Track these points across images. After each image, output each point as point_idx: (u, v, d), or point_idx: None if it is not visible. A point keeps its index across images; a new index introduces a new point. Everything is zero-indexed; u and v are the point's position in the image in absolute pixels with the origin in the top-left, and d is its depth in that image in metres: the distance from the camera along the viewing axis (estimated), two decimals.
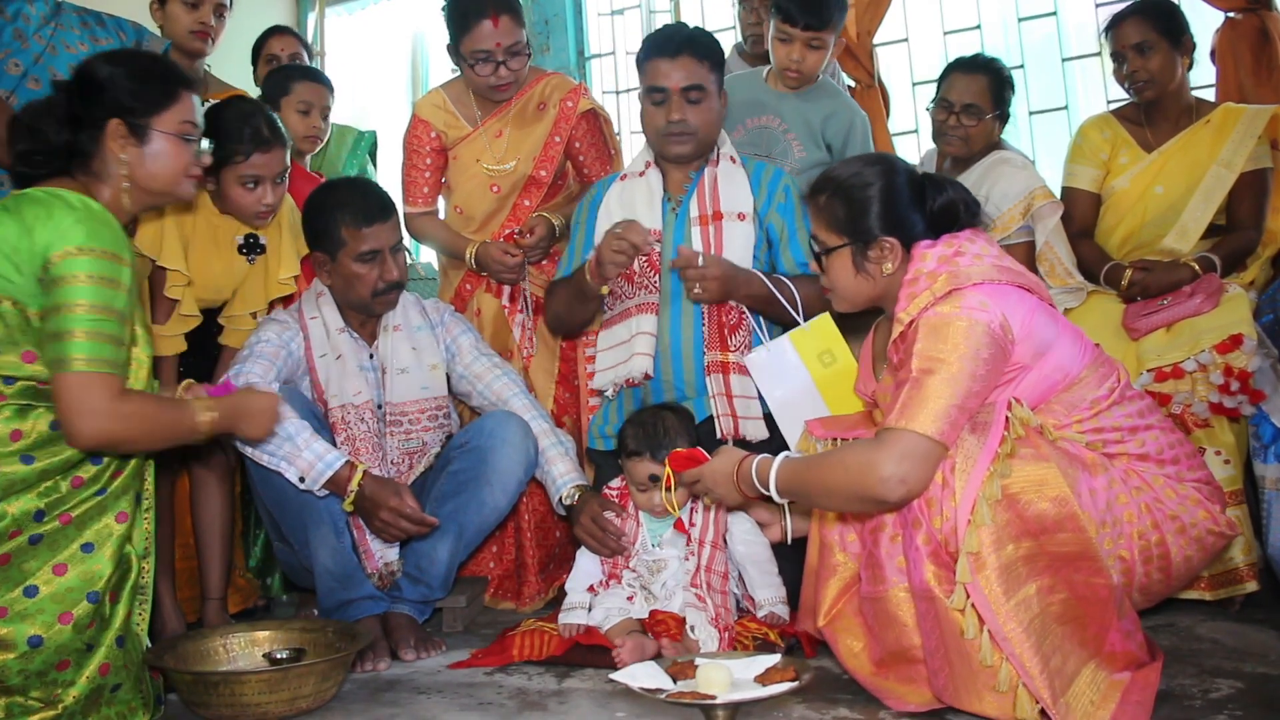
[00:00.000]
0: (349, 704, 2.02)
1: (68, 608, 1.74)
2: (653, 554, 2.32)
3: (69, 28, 2.48)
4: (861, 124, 2.99)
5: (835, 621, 1.97)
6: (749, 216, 2.54)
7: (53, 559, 1.76)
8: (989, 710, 1.68)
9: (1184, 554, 1.82)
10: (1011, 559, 1.64)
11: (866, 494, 1.74)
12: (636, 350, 2.48)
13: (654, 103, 2.54)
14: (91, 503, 1.81)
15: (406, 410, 2.55)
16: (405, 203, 2.97)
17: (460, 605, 2.57)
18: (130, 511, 1.86)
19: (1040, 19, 4.06)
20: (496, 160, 2.90)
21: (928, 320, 1.78)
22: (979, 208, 1.98)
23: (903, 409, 1.74)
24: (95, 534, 1.80)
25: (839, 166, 2.05)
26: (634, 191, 2.61)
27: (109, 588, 1.80)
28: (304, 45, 3.53)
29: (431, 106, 2.96)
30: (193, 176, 1.98)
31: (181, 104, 1.94)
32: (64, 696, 1.74)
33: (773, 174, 2.64)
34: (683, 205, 2.58)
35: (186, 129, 1.94)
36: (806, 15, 2.79)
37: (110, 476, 1.85)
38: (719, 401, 2.44)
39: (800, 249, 2.57)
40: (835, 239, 1.98)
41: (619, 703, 1.95)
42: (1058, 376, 1.83)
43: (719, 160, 2.61)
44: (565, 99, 2.93)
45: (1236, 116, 2.75)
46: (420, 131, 2.94)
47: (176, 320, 2.52)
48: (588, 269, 2.48)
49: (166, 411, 1.85)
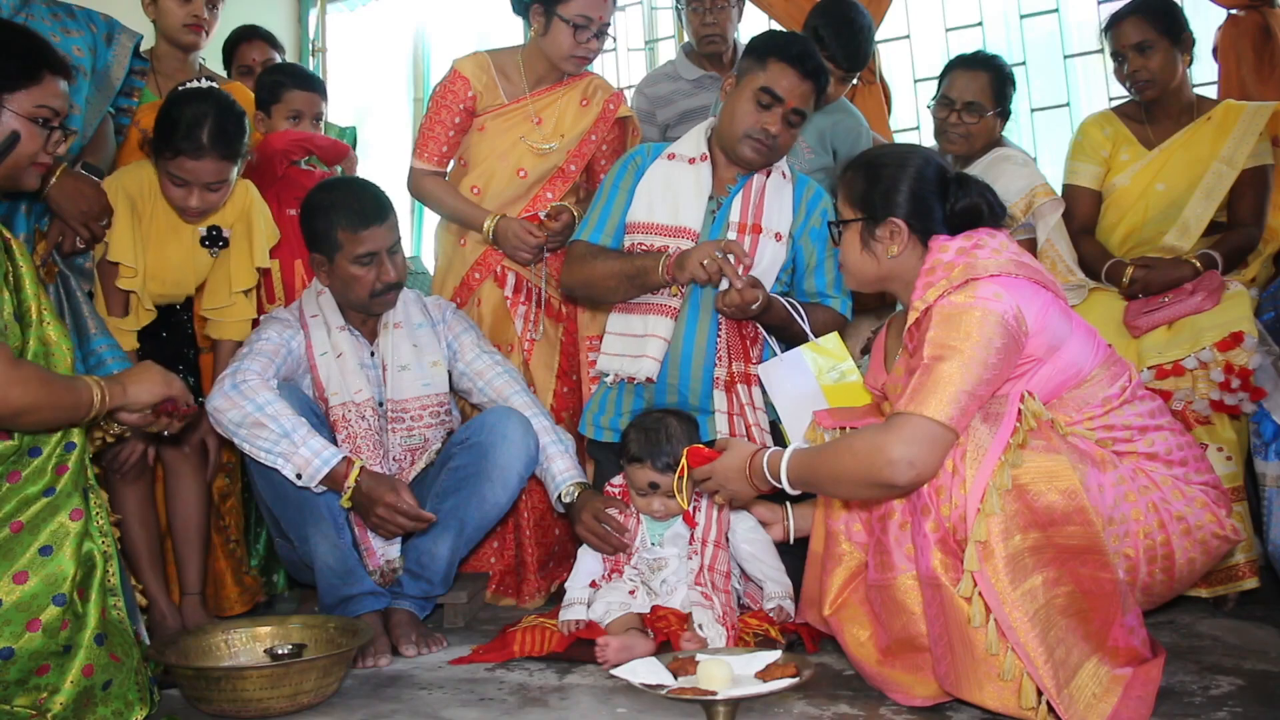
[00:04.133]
0: (350, 699, 2.02)
1: (34, 614, 1.68)
2: (653, 552, 2.32)
3: (39, 18, 2.41)
4: (867, 133, 3.06)
5: (841, 611, 1.97)
6: (785, 238, 2.54)
7: (10, 568, 1.67)
8: (990, 700, 1.68)
9: (1188, 556, 1.82)
10: (1019, 549, 1.65)
11: (876, 478, 1.74)
12: (647, 352, 2.48)
13: (760, 104, 2.46)
14: (40, 503, 1.73)
15: (408, 407, 2.55)
16: (416, 157, 2.89)
17: (461, 601, 2.57)
18: (83, 507, 1.79)
19: (1042, 16, 4.06)
20: (542, 138, 2.85)
21: (942, 308, 1.79)
22: (1004, 211, 1.98)
23: (913, 394, 1.74)
24: (51, 535, 1.73)
25: (878, 147, 2.07)
26: (681, 178, 2.57)
27: (75, 587, 1.73)
28: (275, 48, 3.49)
29: (475, 66, 2.88)
30: (39, 165, 1.89)
31: (43, 87, 1.84)
32: (51, 704, 1.70)
33: (814, 193, 2.62)
34: (723, 207, 2.56)
35: (42, 113, 1.84)
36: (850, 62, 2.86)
37: (55, 472, 1.77)
38: (725, 419, 2.45)
39: (824, 280, 2.57)
40: (850, 212, 2.00)
41: (620, 698, 1.95)
42: (1070, 373, 1.84)
43: (770, 172, 2.58)
44: (609, 100, 2.92)
45: (1238, 113, 2.74)
46: (458, 86, 2.86)
47: (135, 315, 2.50)
48: (664, 264, 2.43)
49: (62, 381, 1.75)
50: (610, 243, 2.62)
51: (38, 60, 1.85)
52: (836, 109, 2.99)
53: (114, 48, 2.52)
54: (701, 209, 2.55)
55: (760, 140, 2.48)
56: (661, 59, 4.47)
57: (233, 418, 2.28)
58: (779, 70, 2.44)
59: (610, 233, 2.62)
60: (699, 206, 2.54)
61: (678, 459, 2.24)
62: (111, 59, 2.51)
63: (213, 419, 2.34)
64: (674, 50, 4.20)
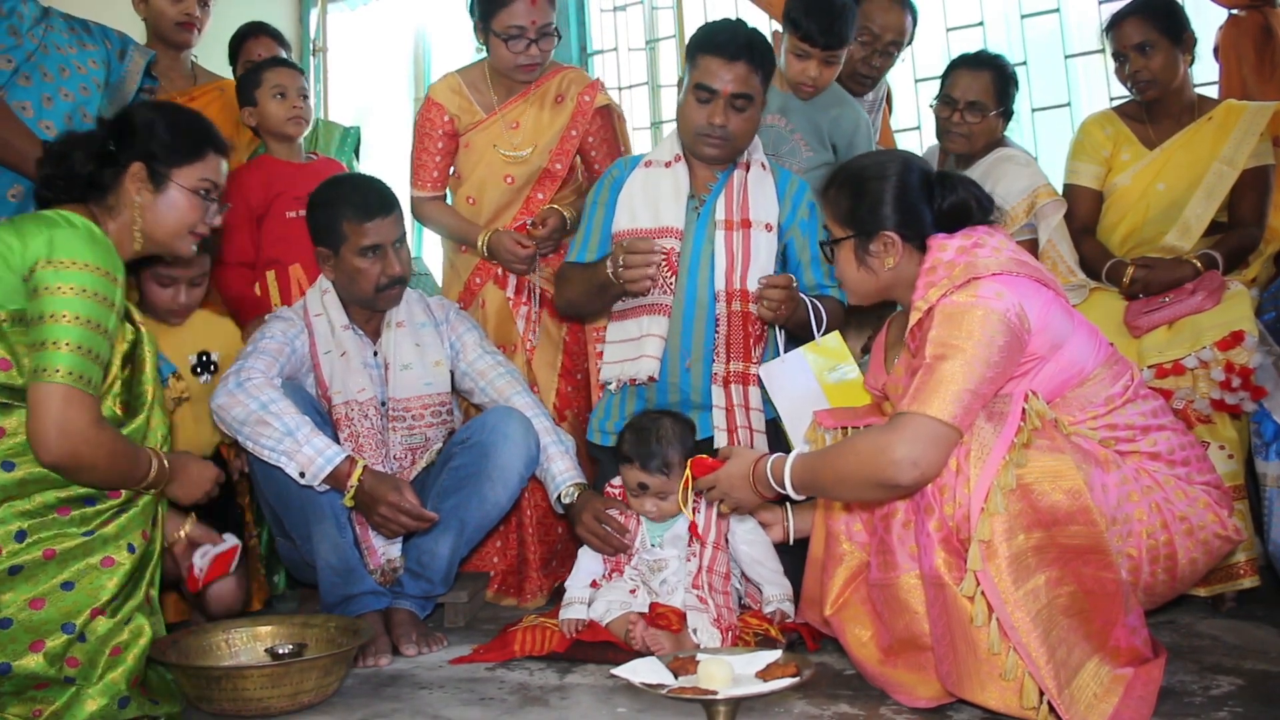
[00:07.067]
0: (351, 699, 2.02)
1: (40, 637, 1.69)
2: (653, 553, 2.32)
3: (58, 30, 2.53)
4: (866, 125, 2.99)
5: (842, 611, 1.98)
6: (775, 228, 2.53)
7: (32, 591, 1.71)
8: (992, 700, 1.68)
9: (1190, 556, 1.82)
10: (1022, 549, 1.65)
11: (879, 478, 1.75)
12: (645, 352, 2.48)
13: (699, 100, 2.47)
14: (77, 540, 1.77)
15: (410, 406, 2.55)
16: (413, 186, 2.96)
17: (462, 601, 2.57)
18: (122, 560, 1.80)
19: (1043, 15, 4.04)
20: (513, 147, 2.88)
21: (944, 308, 1.79)
22: (992, 205, 1.98)
23: (916, 393, 1.74)
24: (75, 574, 1.75)
25: (854, 159, 2.06)
26: (659, 183, 2.57)
27: (94, 633, 1.74)
28: (282, 44, 3.49)
29: (447, 90, 2.94)
30: (196, 235, 2.03)
31: (206, 163, 2.01)
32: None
33: (798, 186, 2.62)
34: (706, 205, 2.56)
35: (204, 186, 2.00)
36: (827, 37, 2.77)
37: (100, 523, 1.81)
38: (722, 414, 2.45)
39: (820, 270, 2.56)
40: (840, 230, 1.99)
41: (620, 698, 1.95)
42: (1073, 371, 1.84)
43: (750, 165, 2.58)
44: (583, 93, 2.92)
45: (1239, 114, 2.74)
46: (433, 114, 2.92)
47: None
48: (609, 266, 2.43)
49: (130, 452, 1.82)
50: (596, 257, 2.62)
51: (206, 140, 2.02)
52: (833, 103, 2.94)
53: (127, 63, 2.63)
54: (682, 208, 2.54)
55: (710, 135, 2.48)
56: (662, 59, 4.47)
57: (236, 415, 2.29)
58: (705, 63, 2.46)
59: (595, 248, 2.64)
60: (679, 205, 2.54)
61: (669, 461, 2.26)
62: (124, 74, 2.62)
63: (216, 416, 2.34)
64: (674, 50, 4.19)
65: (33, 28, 2.48)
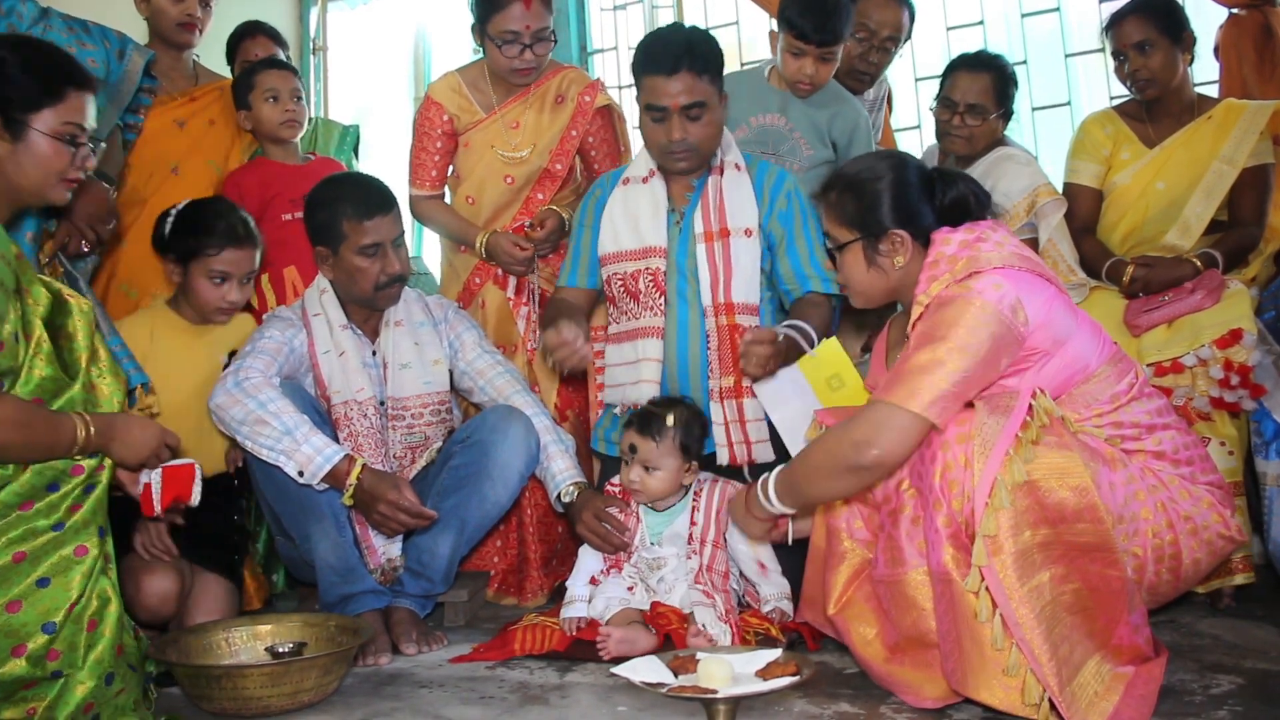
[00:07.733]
0: (350, 698, 2.02)
1: (20, 641, 1.63)
2: (652, 551, 2.33)
3: (57, 30, 2.52)
4: (865, 123, 2.98)
5: (846, 609, 1.98)
6: (755, 231, 2.50)
7: (5, 596, 1.63)
8: (996, 698, 1.67)
9: (1194, 556, 1.83)
10: (1028, 545, 1.65)
11: (842, 461, 1.79)
12: (642, 376, 2.48)
13: (653, 120, 2.44)
14: (47, 536, 1.68)
15: (409, 405, 2.55)
16: (411, 185, 2.95)
17: (462, 600, 2.57)
18: (93, 544, 1.74)
19: (1043, 15, 4.05)
20: (512, 147, 2.88)
21: (937, 299, 1.80)
22: (989, 199, 1.99)
23: (889, 383, 1.77)
24: (51, 568, 1.68)
25: (849, 163, 2.07)
26: (638, 200, 2.56)
27: (71, 618, 1.68)
28: (280, 44, 3.49)
29: (446, 89, 2.93)
30: (68, 181, 1.88)
31: (68, 103, 1.83)
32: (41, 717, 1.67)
33: (775, 178, 2.57)
34: (686, 218, 2.54)
35: (68, 130, 1.84)
36: (821, 34, 2.75)
37: (69, 510, 1.73)
38: (722, 430, 2.43)
39: (798, 257, 2.51)
40: (846, 234, 1.99)
41: (620, 697, 1.95)
42: (1077, 367, 1.84)
43: (724, 169, 2.54)
44: (583, 93, 2.91)
45: (1239, 112, 2.74)
46: (432, 114, 2.92)
47: None
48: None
49: (44, 418, 1.69)
50: (587, 280, 2.64)
51: (62, 76, 1.84)
52: (831, 100, 2.92)
53: (126, 64, 2.60)
54: (662, 224, 2.53)
55: (674, 150, 2.46)
56: None
57: (235, 415, 2.29)
58: (648, 83, 2.43)
59: (585, 271, 2.64)
60: (659, 222, 2.52)
61: (665, 430, 2.29)
62: (124, 74, 2.60)
63: (215, 416, 2.34)
64: None
65: (31, 27, 2.48)
